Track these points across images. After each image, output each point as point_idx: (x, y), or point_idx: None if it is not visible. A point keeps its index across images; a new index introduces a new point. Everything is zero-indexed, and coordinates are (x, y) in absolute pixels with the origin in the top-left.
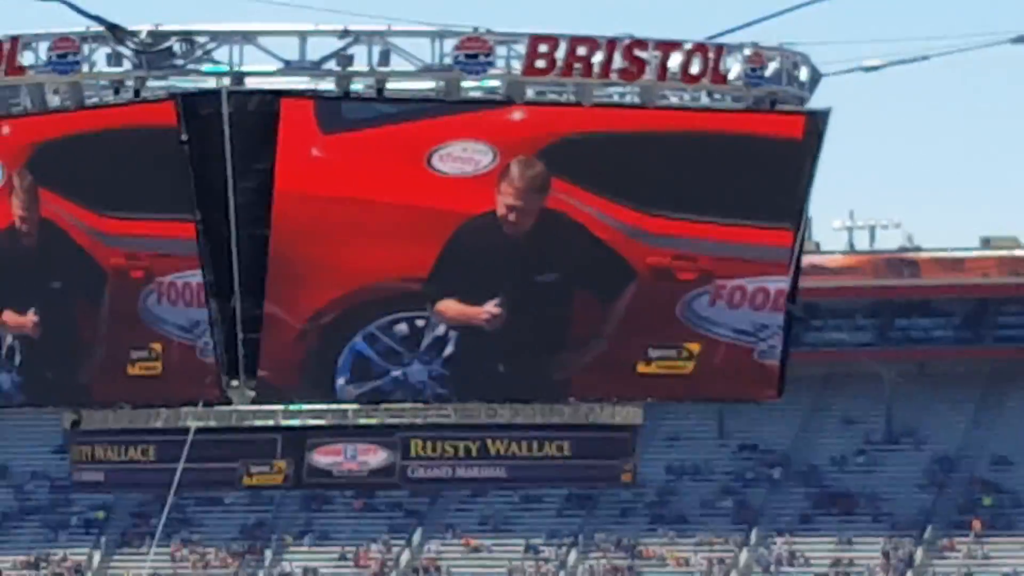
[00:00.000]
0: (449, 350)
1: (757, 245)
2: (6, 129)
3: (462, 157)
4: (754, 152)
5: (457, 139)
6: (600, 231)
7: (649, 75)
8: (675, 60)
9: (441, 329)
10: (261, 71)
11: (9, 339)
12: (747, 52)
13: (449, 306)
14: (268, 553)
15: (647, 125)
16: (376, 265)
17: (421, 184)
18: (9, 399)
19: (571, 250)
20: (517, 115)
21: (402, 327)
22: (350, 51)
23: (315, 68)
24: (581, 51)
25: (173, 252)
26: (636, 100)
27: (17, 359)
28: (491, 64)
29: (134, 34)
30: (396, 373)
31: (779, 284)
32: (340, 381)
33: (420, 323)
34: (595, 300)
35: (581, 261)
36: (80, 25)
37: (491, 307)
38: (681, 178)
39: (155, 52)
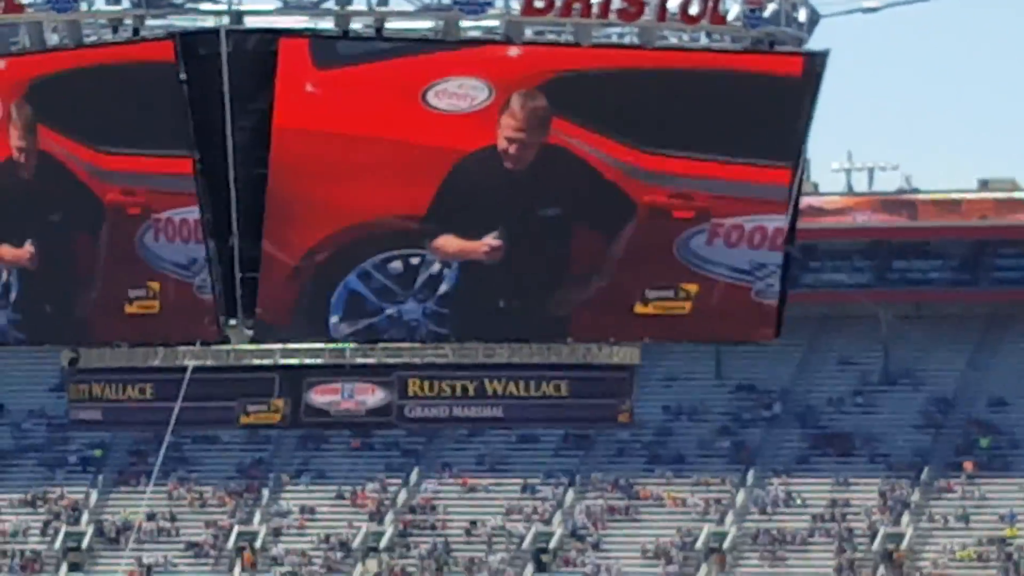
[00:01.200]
0: (444, 288)
1: (755, 183)
2: (2, 64)
3: (457, 93)
4: (753, 90)
5: (453, 75)
6: (600, 168)
7: (648, 15)
8: (674, 1)
9: (436, 267)
10: (260, 10)
11: (4, 275)
12: None
13: (448, 242)
14: (265, 492)
15: (645, 62)
16: (371, 203)
17: (417, 121)
18: (5, 337)
19: (572, 185)
20: (513, 51)
21: (396, 264)
22: None
23: (314, 7)
24: None
25: (170, 188)
26: (635, 41)
27: (13, 295)
28: (490, 4)
29: None
30: (390, 311)
31: (777, 223)
32: (333, 319)
33: (415, 261)
34: (596, 235)
35: (582, 196)
36: None
37: (490, 240)
38: (678, 116)
39: None
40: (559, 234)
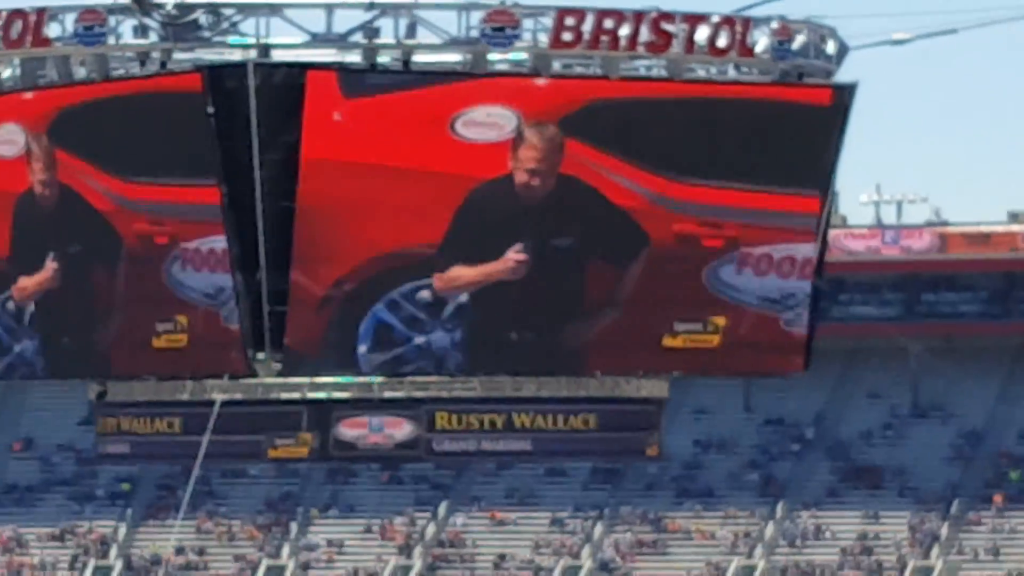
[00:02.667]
0: (470, 317)
1: (784, 212)
2: (29, 95)
3: (485, 123)
4: (781, 118)
5: (480, 104)
6: (619, 196)
7: (676, 48)
8: (702, 33)
9: (464, 297)
10: (287, 43)
11: (31, 307)
12: (774, 25)
13: (461, 273)
14: (293, 526)
15: (673, 92)
16: (396, 232)
17: (444, 150)
18: (32, 369)
19: (585, 215)
20: (541, 80)
21: (425, 294)
22: (376, 23)
23: (341, 40)
24: (608, 24)
25: (197, 218)
26: (663, 73)
27: (35, 325)
28: (517, 37)
29: (160, 6)
30: (419, 340)
31: (806, 252)
32: (362, 348)
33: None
34: (608, 266)
35: (594, 227)
36: None
37: (514, 254)
38: (706, 143)
39: (181, 24)
40: (573, 267)
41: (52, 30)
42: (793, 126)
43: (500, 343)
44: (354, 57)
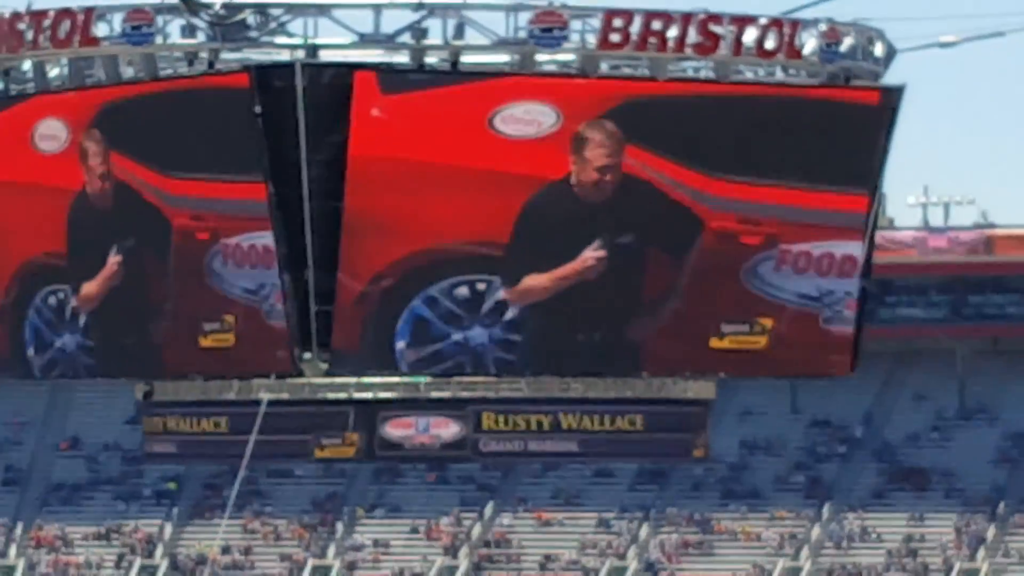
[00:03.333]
0: (511, 314)
1: (829, 210)
2: (74, 94)
3: (524, 119)
4: (830, 116)
5: (519, 100)
6: (667, 192)
7: (724, 50)
8: (750, 35)
9: (502, 294)
10: (335, 44)
11: (84, 315)
12: (822, 27)
13: (536, 281)
14: (339, 525)
15: (714, 90)
16: (438, 229)
17: (484, 146)
18: (75, 367)
19: (643, 209)
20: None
21: (463, 290)
22: (424, 24)
23: (389, 41)
24: (656, 25)
25: (240, 213)
26: (711, 75)
27: (90, 323)
28: (565, 38)
29: (208, 6)
30: (457, 336)
31: (847, 249)
32: (400, 344)
33: (481, 287)
34: (667, 258)
35: (652, 219)
36: None
37: (592, 252)
38: (747, 142)
39: (229, 24)
40: (633, 261)
41: (100, 29)
42: (841, 125)
43: (560, 342)
44: (402, 58)
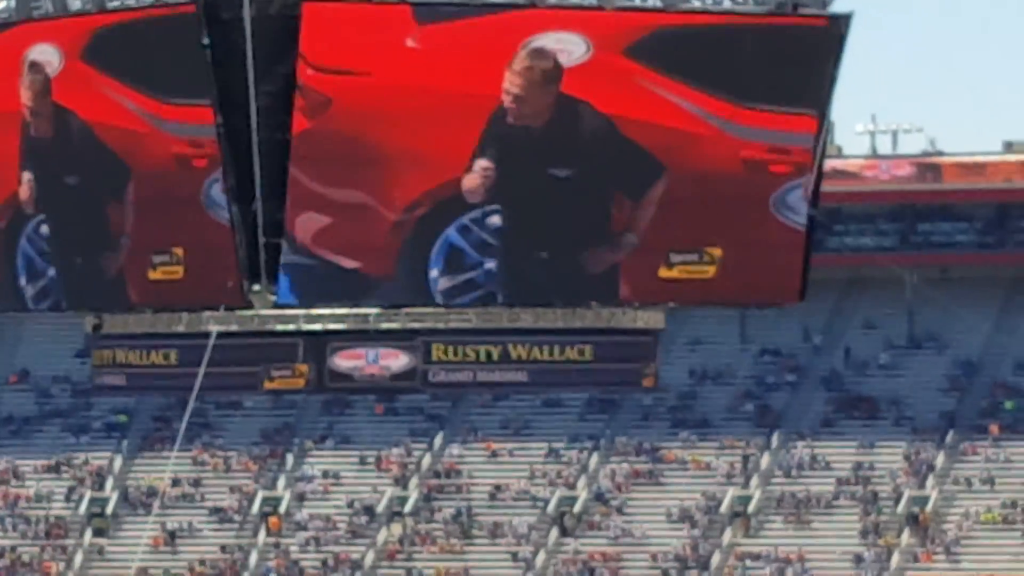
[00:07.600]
0: (505, 241)
1: (779, 131)
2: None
3: (556, 48)
4: (777, 43)
5: (550, 30)
6: (683, 122)
7: None
8: None
9: (497, 220)
10: None
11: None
12: None
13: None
14: (289, 457)
15: (732, 20)
16: (463, 158)
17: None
18: (57, 300)
19: (591, 144)
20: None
21: (495, 219)
22: None
23: None
24: None
25: None
26: (658, 4)
27: (51, 253)
28: None
29: None
30: (490, 265)
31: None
32: (433, 272)
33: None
34: (624, 198)
35: (603, 156)
36: None
37: (482, 162)
38: (768, 70)
39: None
40: (586, 196)
41: None
42: (790, 50)
43: (532, 264)
44: None
